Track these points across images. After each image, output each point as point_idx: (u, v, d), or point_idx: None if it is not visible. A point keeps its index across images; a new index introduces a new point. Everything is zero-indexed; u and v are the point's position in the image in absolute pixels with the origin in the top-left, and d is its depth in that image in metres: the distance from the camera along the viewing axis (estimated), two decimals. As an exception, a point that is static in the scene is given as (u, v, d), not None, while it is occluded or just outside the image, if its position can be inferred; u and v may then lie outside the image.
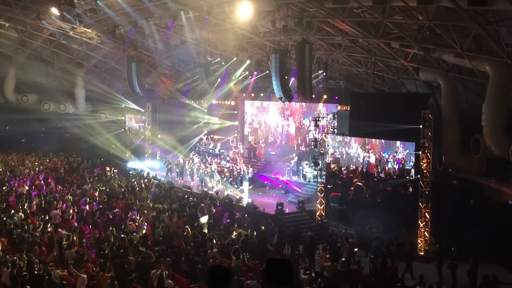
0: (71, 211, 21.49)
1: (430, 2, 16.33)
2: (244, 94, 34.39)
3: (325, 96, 29.16)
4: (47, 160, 35.74)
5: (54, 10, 25.95)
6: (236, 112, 36.63)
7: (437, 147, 21.82)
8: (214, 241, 18.46)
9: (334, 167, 25.85)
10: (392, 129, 21.57)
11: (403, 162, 23.51)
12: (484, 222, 19.68)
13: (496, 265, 18.01)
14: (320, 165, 25.39)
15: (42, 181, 28.19)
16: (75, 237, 17.30)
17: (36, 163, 34.21)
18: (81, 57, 37.40)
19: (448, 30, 18.64)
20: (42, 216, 20.62)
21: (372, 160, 24.90)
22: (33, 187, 26.80)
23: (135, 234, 18.60)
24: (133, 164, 35.97)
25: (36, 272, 13.69)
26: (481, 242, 18.79)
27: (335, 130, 26.18)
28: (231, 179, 29.71)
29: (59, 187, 27.27)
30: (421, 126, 21.13)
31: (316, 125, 26.63)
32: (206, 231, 20.36)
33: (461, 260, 17.86)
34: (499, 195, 20.98)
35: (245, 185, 28.16)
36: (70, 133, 39.99)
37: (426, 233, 21.05)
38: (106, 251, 16.39)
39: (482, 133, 19.36)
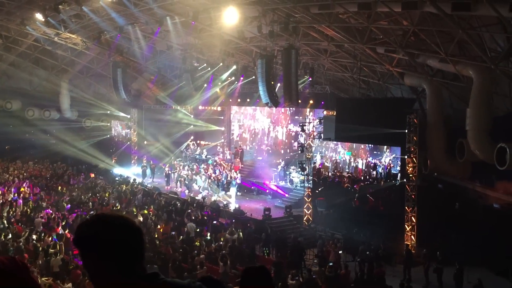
0: (56, 218, 21.27)
1: (415, 7, 16.49)
2: (230, 100, 34.38)
3: (311, 101, 29.25)
4: (32, 167, 35.38)
5: (39, 16, 25.73)
6: (222, 117, 36.60)
7: (422, 152, 21.99)
8: (202, 247, 18.40)
9: (323, 172, 25.96)
10: (378, 134, 21.70)
11: (389, 167, 23.72)
12: (470, 225, 19.86)
13: (481, 268, 18.17)
14: (307, 170, 25.45)
15: (27, 188, 27.88)
16: (60, 245, 17.12)
17: (22, 170, 33.86)
18: (66, 63, 37.11)
19: (432, 35, 18.83)
20: (27, 224, 20.39)
21: (359, 165, 25.07)
22: (18, 194, 26.49)
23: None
24: (119, 170, 35.75)
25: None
26: (467, 245, 18.96)
27: (322, 135, 26.28)
28: (218, 184, 29.66)
29: (43, 194, 26.98)
30: (406, 131, 21.30)
31: (303, 130, 26.72)
32: (193, 236, 20.28)
33: (446, 263, 17.98)
34: (484, 198, 21.18)
35: (232, 191, 28.10)
36: (55, 140, 39.59)
37: (412, 237, 21.17)
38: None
39: (466, 137, 19.54)
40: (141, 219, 21.98)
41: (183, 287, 2.04)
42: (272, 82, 22.51)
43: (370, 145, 25.30)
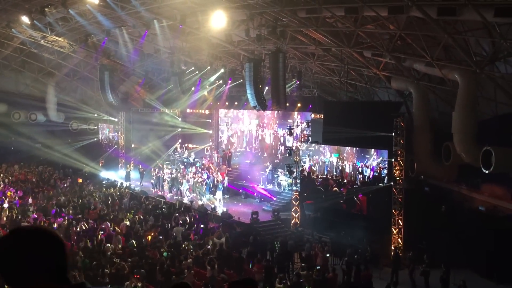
0: (42, 223, 21.07)
1: (401, 12, 16.61)
2: (218, 103, 34.35)
3: (299, 105, 29.32)
4: (18, 171, 35.06)
5: (25, 19, 25.56)
6: (210, 120, 36.56)
7: (409, 155, 22.13)
8: (189, 252, 18.34)
9: (311, 175, 26.01)
10: (365, 137, 21.80)
11: (378, 170, 23.82)
12: (456, 228, 20.02)
13: (467, 270, 18.32)
14: (295, 173, 25.49)
15: (13, 193, 27.61)
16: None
17: (7, 174, 33.54)
18: (53, 66, 36.86)
19: (418, 39, 18.99)
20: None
21: (347, 168, 25.15)
22: (4, 198, 26.22)
23: (108, 245, 18.35)
24: (106, 174, 35.57)
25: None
26: (453, 248, 19.11)
27: (309, 138, 26.35)
28: (205, 188, 29.60)
29: (29, 199, 26.73)
30: (393, 134, 21.42)
31: (291, 134, 26.77)
32: (180, 240, 20.20)
33: (433, 266, 18.09)
34: (470, 201, 21.37)
35: (219, 194, 28.01)
36: (41, 143, 39.25)
37: (399, 239, 21.28)
38: (78, 264, 16.12)
39: (452, 141, 19.70)
40: (128, 223, 21.89)
41: None
42: (260, 86, 22.53)
43: (357, 148, 25.43)
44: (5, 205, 24.10)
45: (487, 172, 17.69)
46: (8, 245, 2.00)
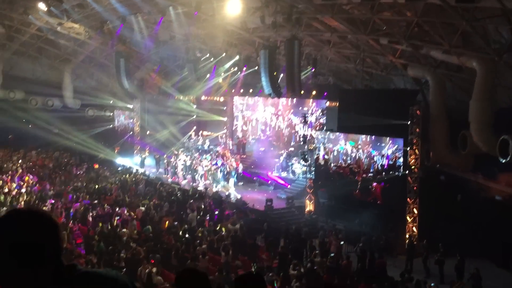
0: (60, 208, 21.36)
1: (418, -2, 16.43)
2: (233, 90, 34.34)
3: (314, 92, 29.18)
4: (35, 157, 35.50)
5: (41, 5, 25.68)
6: (225, 108, 36.60)
7: (425, 143, 21.97)
8: (204, 237, 18.50)
9: (325, 163, 25.97)
10: (380, 125, 21.68)
11: (393, 158, 23.68)
12: (471, 217, 19.90)
13: (482, 260, 18.22)
14: (309, 161, 25.46)
15: (31, 178, 27.99)
16: (64, 235, 17.23)
17: (25, 160, 34.01)
18: (69, 52, 37.06)
19: (436, 26, 18.74)
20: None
21: (362, 157, 25.07)
22: (22, 183, 26.61)
23: (124, 230, 18.58)
24: (122, 160, 35.86)
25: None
26: (468, 237, 19.01)
27: (324, 126, 26.27)
28: (221, 175, 29.69)
29: (48, 184, 27.10)
30: (409, 122, 21.26)
31: (305, 121, 26.70)
32: (195, 226, 20.37)
33: (448, 255, 18.04)
34: (486, 190, 21.20)
35: (231, 182, 28.06)
36: (58, 129, 39.64)
37: (414, 228, 21.21)
38: (94, 248, 16.36)
39: (469, 129, 19.52)
40: (143, 209, 22.11)
41: (102, 276, 2.00)
42: (275, 73, 22.48)
43: (372, 136, 25.29)
44: (23, 190, 24.50)
45: (504, 161, 17.52)
46: None
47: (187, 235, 18.33)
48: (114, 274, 2.03)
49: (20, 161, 33.55)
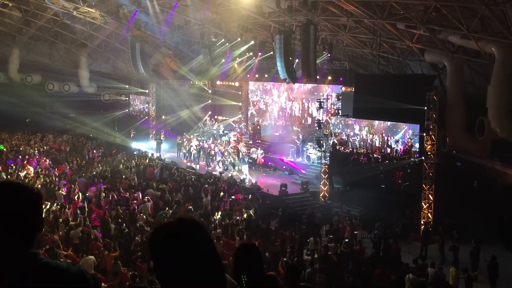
0: (76, 191, 21.59)
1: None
2: (248, 75, 34.27)
3: (329, 77, 28.98)
4: (52, 141, 35.87)
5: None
6: (240, 93, 36.56)
7: (441, 129, 21.77)
8: (218, 222, 18.62)
9: (341, 147, 25.87)
10: (396, 111, 21.50)
11: (408, 144, 23.48)
12: (488, 204, 19.74)
13: (498, 247, 18.09)
14: (324, 146, 25.39)
15: (48, 162, 28.31)
16: (82, 218, 17.44)
17: (42, 143, 34.41)
18: (85, 37, 37.24)
19: (454, 11, 18.45)
20: (46, 197, 20.73)
21: (377, 142, 24.90)
22: (39, 167, 26.93)
23: (140, 214, 18.77)
24: (137, 145, 36.10)
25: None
26: (484, 224, 18.87)
27: (340, 112, 26.13)
28: (237, 160, 29.67)
29: (63, 167, 27.38)
30: (425, 108, 21.06)
31: (320, 107, 26.58)
32: (209, 211, 20.50)
33: (463, 241, 17.94)
34: (503, 177, 21.00)
35: (245, 168, 28.02)
36: (74, 114, 39.99)
37: (429, 214, 21.12)
38: (111, 231, 16.55)
39: (487, 115, 19.28)
40: (159, 193, 22.27)
41: (59, 267, 1.94)
42: (290, 58, 22.36)
43: (388, 122, 25.09)
44: (40, 173, 24.81)
45: (522, 147, 17.33)
46: None
47: (201, 219, 18.44)
48: (66, 265, 1.97)
49: (37, 144, 33.94)
